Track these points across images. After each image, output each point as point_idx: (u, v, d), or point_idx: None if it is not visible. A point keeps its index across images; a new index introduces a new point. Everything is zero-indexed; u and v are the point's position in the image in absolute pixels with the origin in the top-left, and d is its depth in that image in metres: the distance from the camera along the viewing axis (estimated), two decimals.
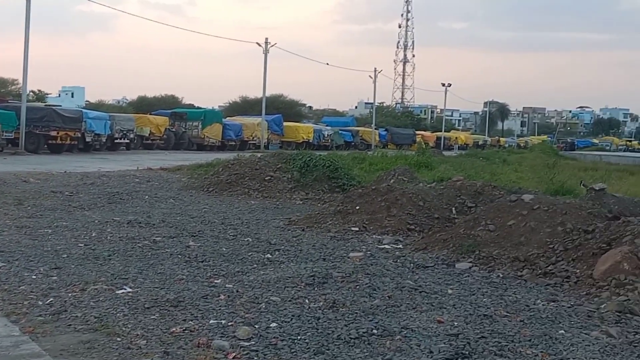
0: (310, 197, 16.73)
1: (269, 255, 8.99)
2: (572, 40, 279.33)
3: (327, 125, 59.70)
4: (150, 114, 44.12)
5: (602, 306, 6.91)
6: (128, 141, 38.19)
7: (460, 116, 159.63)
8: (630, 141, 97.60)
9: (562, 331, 5.96)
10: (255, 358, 4.97)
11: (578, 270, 8.29)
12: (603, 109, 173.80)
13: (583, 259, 8.56)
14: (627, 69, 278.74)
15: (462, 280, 7.99)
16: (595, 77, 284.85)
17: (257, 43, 49.50)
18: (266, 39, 49.57)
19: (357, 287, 7.29)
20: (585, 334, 5.91)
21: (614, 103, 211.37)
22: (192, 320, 5.80)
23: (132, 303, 6.26)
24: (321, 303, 6.53)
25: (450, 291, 7.36)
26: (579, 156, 51.41)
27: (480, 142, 78.88)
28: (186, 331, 5.50)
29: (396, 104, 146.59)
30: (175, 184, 18.43)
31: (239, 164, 18.61)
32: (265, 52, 49.16)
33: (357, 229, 11.40)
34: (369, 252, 9.54)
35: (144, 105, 66.51)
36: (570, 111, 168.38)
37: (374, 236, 10.95)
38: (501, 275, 8.42)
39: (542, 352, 5.32)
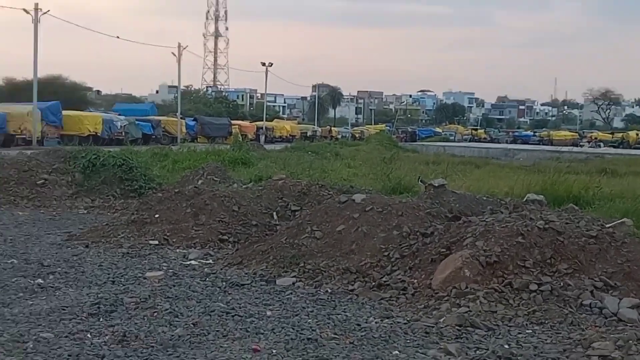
0: (97, 204, 16.31)
1: (40, 281, 8.65)
2: (411, 14, 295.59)
3: (120, 115, 58.15)
4: None
5: (441, 320, 7.40)
6: None
7: (285, 102, 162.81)
8: (475, 129, 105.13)
9: (397, 352, 6.31)
10: None
11: (416, 280, 8.81)
12: (446, 93, 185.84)
13: (421, 266, 9.11)
14: (472, 48, 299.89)
15: (284, 299, 8.18)
16: (437, 58, 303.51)
17: (25, 10, 47.13)
18: (36, 4, 47.20)
19: (155, 314, 7.21)
20: (422, 353, 6.29)
21: (458, 86, 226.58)
22: None
23: None
24: (107, 337, 6.39)
25: (269, 313, 7.50)
26: (421, 147, 54.40)
27: (309, 133, 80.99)
28: None
29: (207, 87, 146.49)
30: None
31: (0, 165, 17.63)
32: (36, 21, 46.87)
33: (156, 242, 11.27)
34: (171, 271, 9.47)
35: None
36: (410, 96, 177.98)
37: (177, 250, 10.89)
38: (330, 291, 8.71)
39: None
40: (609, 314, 7.69)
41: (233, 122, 71.23)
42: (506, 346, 6.58)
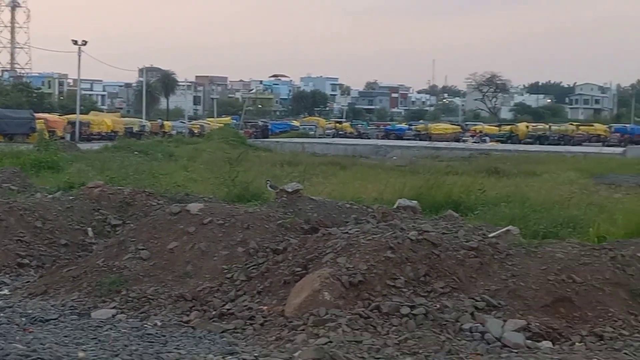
0: None
1: None
2: None
3: None
4: None
5: (297, 354, 7.50)
6: None
7: (104, 90, 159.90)
8: (340, 122, 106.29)
9: None
10: None
11: (265, 307, 8.90)
12: (305, 79, 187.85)
13: (272, 290, 9.22)
14: (336, 24, 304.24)
15: (101, 336, 8.07)
16: (293, 36, 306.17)
17: None
18: None
19: None
20: None
21: (319, 71, 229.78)
22: None
23: None
24: None
25: (81, 354, 7.37)
26: (275, 145, 54.60)
27: (135, 129, 79.72)
28: None
29: (2, 72, 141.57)
30: None
31: None
32: None
33: None
34: None
35: None
36: (261, 82, 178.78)
37: None
38: (159, 324, 8.67)
39: None
40: (492, 339, 8.05)
41: (37, 115, 69.19)
42: None
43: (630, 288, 9.04)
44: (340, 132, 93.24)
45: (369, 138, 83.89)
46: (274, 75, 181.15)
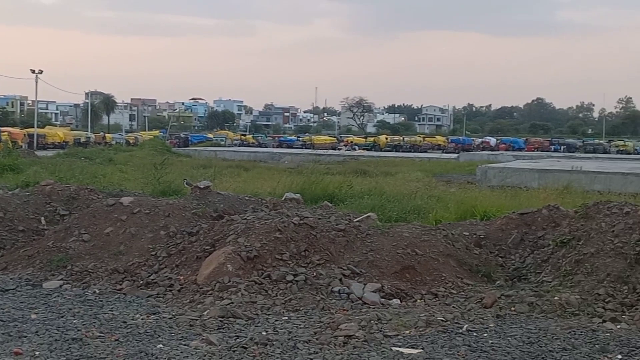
0: None
1: None
2: (180, 25, 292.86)
3: None
4: None
5: (205, 313, 7.45)
6: None
7: (57, 109, 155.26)
8: (245, 134, 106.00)
9: (161, 345, 6.27)
10: None
11: (182, 277, 8.80)
12: (217, 101, 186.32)
13: (187, 264, 9.12)
14: (239, 57, 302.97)
15: (50, 302, 7.85)
16: (208, 67, 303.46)
17: None
18: None
19: None
20: (185, 345, 6.30)
21: (228, 95, 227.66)
22: None
23: None
24: None
25: (34, 316, 7.17)
26: (194, 152, 54.02)
27: (82, 140, 77.76)
28: None
29: None
30: None
31: None
32: None
33: None
34: None
35: None
36: (183, 103, 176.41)
37: None
38: (97, 291, 8.48)
39: None
40: (355, 298, 8.14)
41: (2, 129, 66.70)
42: (264, 332, 6.76)
43: (457, 258, 9.29)
44: (245, 143, 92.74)
45: (267, 147, 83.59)
46: (193, 98, 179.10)
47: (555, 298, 7.88)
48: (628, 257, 8.45)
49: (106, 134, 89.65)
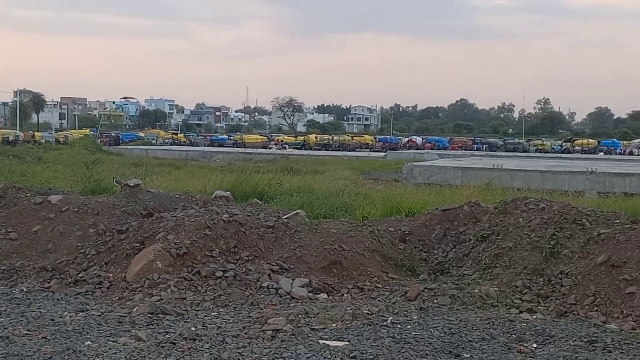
0: None
1: None
2: (114, 25, 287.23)
3: None
4: None
5: (134, 309, 7.34)
6: None
7: None
8: (176, 133, 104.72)
9: (89, 342, 6.15)
10: None
11: (111, 274, 8.66)
12: (148, 100, 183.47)
13: (117, 261, 8.98)
14: (171, 57, 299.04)
15: None
16: (139, 66, 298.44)
17: None
18: None
19: None
20: (113, 341, 6.20)
21: (159, 94, 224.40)
22: None
23: None
24: None
25: None
26: (125, 151, 53.11)
27: (11, 138, 75.53)
28: None
29: None
30: None
31: None
32: None
33: None
34: None
35: None
36: (114, 102, 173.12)
37: None
38: (25, 290, 8.27)
39: None
40: (284, 293, 8.16)
41: None
42: (193, 328, 6.72)
43: (383, 253, 9.42)
44: (176, 141, 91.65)
45: (198, 145, 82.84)
46: (125, 97, 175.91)
47: (476, 290, 8.07)
48: (543, 251, 8.72)
49: (35, 133, 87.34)
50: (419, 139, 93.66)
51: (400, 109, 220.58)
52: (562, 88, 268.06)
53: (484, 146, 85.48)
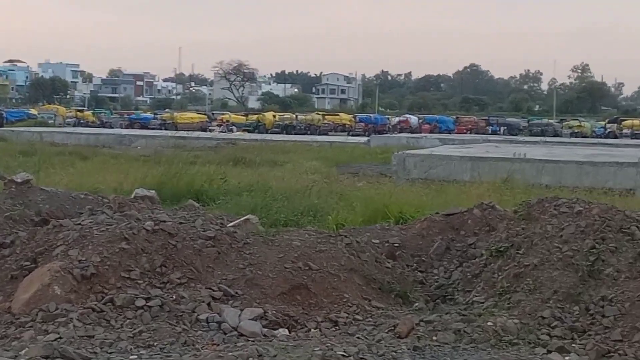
0: None
1: None
2: None
3: None
4: None
5: (23, 352, 7.27)
6: None
7: None
8: (82, 110, 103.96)
9: None
10: None
11: None
12: (43, 65, 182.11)
13: None
14: (74, 5, 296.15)
15: None
16: (31, 19, 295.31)
17: None
18: None
19: None
20: None
21: (58, 57, 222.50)
22: None
23: None
24: None
25: None
26: (11, 134, 52.59)
27: None
28: None
29: None
30: None
31: None
32: None
33: None
34: None
35: None
36: None
37: None
38: None
39: None
40: (229, 329, 8.16)
41: None
42: None
43: (364, 274, 9.46)
44: (82, 121, 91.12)
45: (113, 127, 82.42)
46: (10, 61, 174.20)
47: (489, 323, 8.13)
48: (579, 270, 8.82)
49: None
50: (413, 119, 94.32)
51: (389, 77, 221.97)
52: (607, 50, 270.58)
53: (502, 128, 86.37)
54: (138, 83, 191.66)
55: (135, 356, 7.37)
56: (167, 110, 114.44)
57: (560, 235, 9.30)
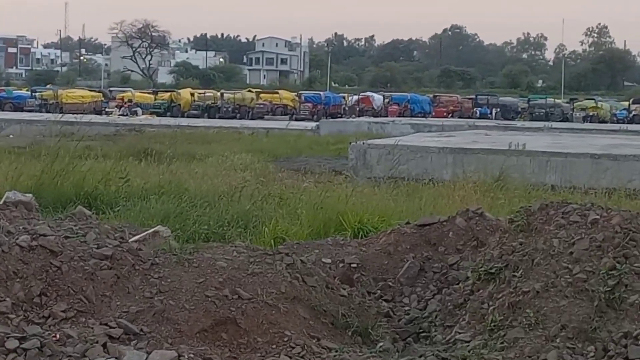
0: None
1: None
2: None
3: None
4: None
5: None
6: None
7: None
8: None
9: None
10: None
11: None
12: None
13: None
14: None
15: None
16: None
17: None
18: None
19: None
20: None
21: None
22: None
23: None
24: None
25: None
26: None
27: None
28: None
29: None
30: None
31: None
32: None
33: None
34: None
35: None
36: None
37: None
38: None
39: None
40: None
41: None
42: None
43: (311, 304, 9.44)
44: None
45: None
46: None
47: None
48: (596, 298, 8.87)
49: None
50: (377, 98, 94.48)
51: (345, 43, 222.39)
52: (633, 6, 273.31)
53: (494, 111, 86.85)
54: (10, 50, 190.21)
55: None
56: (49, 86, 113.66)
57: (570, 252, 9.35)
